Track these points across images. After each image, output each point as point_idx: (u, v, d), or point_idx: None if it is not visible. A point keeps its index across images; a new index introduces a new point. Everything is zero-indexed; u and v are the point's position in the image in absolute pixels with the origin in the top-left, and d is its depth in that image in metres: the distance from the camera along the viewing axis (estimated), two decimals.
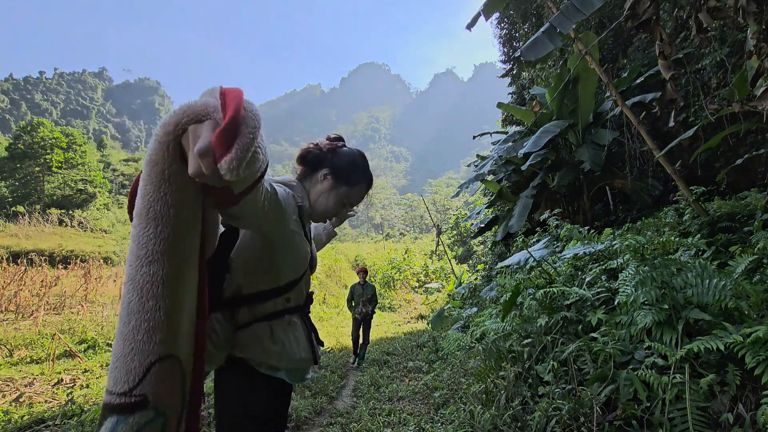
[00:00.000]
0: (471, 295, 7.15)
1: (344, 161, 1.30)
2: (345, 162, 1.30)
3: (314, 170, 1.30)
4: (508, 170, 6.14)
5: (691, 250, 2.26)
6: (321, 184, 1.29)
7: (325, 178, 1.28)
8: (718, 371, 1.52)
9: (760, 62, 2.18)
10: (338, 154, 1.31)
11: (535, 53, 3.25)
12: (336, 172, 1.28)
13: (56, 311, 8.54)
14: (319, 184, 1.29)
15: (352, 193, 1.32)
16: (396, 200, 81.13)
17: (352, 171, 1.30)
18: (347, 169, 1.30)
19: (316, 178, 1.29)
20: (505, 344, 2.71)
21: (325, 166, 1.29)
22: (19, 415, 3.74)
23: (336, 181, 1.28)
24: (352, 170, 1.30)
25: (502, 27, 9.26)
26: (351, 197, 1.32)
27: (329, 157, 1.30)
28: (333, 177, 1.28)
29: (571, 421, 1.73)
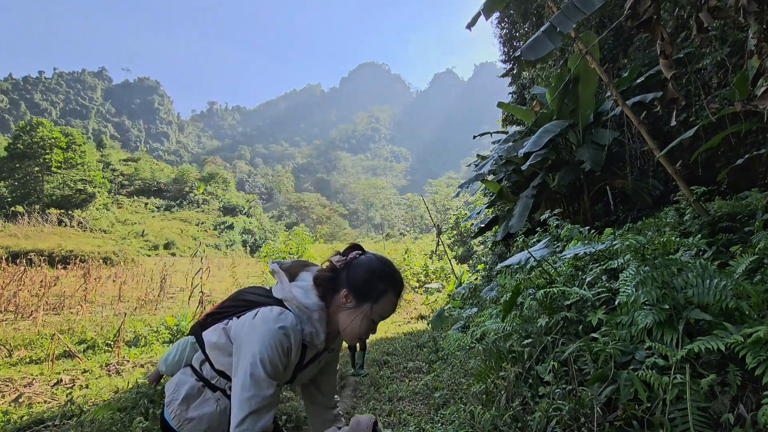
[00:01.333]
0: (471, 295, 7.14)
1: (361, 277, 1.16)
2: (363, 277, 1.16)
3: (335, 290, 1.18)
4: (508, 170, 6.13)
5: (691, 250, 2.25)
6: (345, 307, 1.17)
7: (347, 299, 1.16)
8: (718, 371, 1.52)
9: (761, 62, 2.17)
10: (353, 269, 1.17)
11: (536, 53, 3.25)
12: (356, 291, 1.15)
13: (55, 311, 8.54)
14: (343, 307, 1.17)
15: (379, 307, 1.17)
16: (396, 200, 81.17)
17: (373, 285, 1.16)
18: (367, 285, 1.16)
19: (338, 299, 1.18)
20: (505, 344, 2.71)
21: (343, 286, 1.16)
22: (19, 416, 3.74)
23: (358, 301, 1.16)
24: (373, 284, 1.16)
25: (502, 27, 9.26)
26: (380, 312, 1.18)
27: (344, 275, 1.17)
28: (354, 297, 1.16)
29: (571, 422, 1.73)
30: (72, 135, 34.39)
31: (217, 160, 77.99)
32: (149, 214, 39.79)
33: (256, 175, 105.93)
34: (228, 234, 40.48)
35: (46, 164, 31.52)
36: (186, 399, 1.23)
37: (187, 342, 1.38)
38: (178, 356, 1.39)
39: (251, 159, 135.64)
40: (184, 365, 1.33)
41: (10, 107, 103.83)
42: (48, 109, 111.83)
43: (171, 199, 44.71)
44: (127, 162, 49.13)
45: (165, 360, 1.43)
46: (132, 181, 45.18)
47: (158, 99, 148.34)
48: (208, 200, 44.85)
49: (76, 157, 33.63)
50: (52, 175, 31.83)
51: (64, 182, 32.03)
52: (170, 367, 1.40)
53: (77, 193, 32.30)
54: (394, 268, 1.21)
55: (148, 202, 42.69)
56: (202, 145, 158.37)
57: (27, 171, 31.10)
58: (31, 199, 30.41)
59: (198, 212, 42.59)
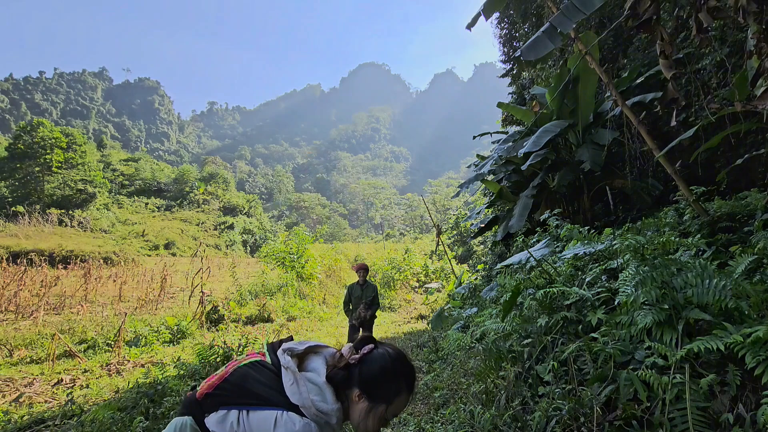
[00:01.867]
0: (471, 295, 7.14)
1: (375, 376, 1.13)
2: (376, 377, 1.13)
3: (347, 388, 1.15)
4: (508, 170, 6.13)
5: (691, 250, 2.26)
6: (358, 405, 1.14)
7: (360, 398, 1.13)
8: (718, 371, 1.52)
9: (761, 62, 2.18)
10: (366, 366, 1.14)
11: (535, 53, 3.25)
12: (369, 391, 1.12)
13: (56, 311, 8.55)
14: (355, 404, 1.14)
15: (393, 407, 1.15)
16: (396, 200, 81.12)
17: (386, 386, 1.13)
18: (381, 385, 1.13)
19: (351, 396, 1.15)
20: (505, 344, 2.71)
21: (356, 385, 1.13)
22: (19, 415, 3.75)
23: (372, 401, 1.12)
24: (387, 385, 1.13)
25: (502, 27, 9.26)
26: (394, 411, 1.16)
27: (357, 373, 1.14)
28: (367, 397, 1.12)
29: (571, 421, 1.73)
30: (72, 135, 34.40)
31: (217, 160, 77.99)
32: (150, 214, 39.79)
33: (256, 175, 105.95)
34: (228, 234, 40.49)
35: (46, 164, 31.52)
36: None
37: (186, 424, 1.25)
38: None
39: (251, 159, 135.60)
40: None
41: (11, 107, 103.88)
42: (48, 109, 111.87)
43: (171, 199, 44.69)
44: (128, 162, 49.12)
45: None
46: (132, 181, 45.19)
47: (158, 99, 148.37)
48: (208, 200, 44.83)
49: (76, 157, 33.64)
50: (52, 175, 31.84)
51: (65, 182, 32.04)
52: None
53: (78, 193, 32.30)
54: (407, 363, 1.18)
55: (148, 202, 42.69)
56: (203, 145, 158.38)
57: (27, 171, 31.11)
58: (32, 199, 30.42)
59: (198, 212, 42.58)
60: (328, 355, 1.20)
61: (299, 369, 1.13)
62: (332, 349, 1.22)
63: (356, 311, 5.32)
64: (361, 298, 5.41)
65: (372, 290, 5.55)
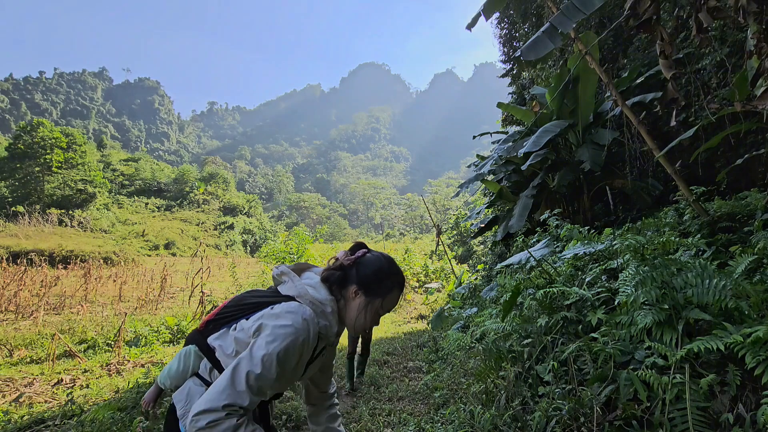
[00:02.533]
0: (471, 295, 7.14)
1: (371, 273, 1.27)
2: (372, 274, 1.27)
3: (344, 287, 1.28)
4: (508, 170, 6.13)
5: (691, 250, 2.26)
6: (354, 301, 1.27)
7: (357, 294, 1.26)
8: (718, 371, 1.52)
9: (761, 62, 2.18)
10: (362, 266, 1.28)
11: (535, 53, 3.25)
12: (366, 287, 1.26)
13: (56, 311, 8.55)
14: (352, 300, 1.27)
15: (386, 302, 1.30)
16: (396, 200, 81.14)
17: (381, 281, 1.28)
18: (376, 280, 1.27)
19: (347, 294, 1.28)
20: (505, 344, 2.71)
21: (353, 283, 1.26)
22: (19, 415, 3.74)
23: (368, 295, 1.26)
24: (382, 280, 1.28)
25: (502, 27, 9.26)
26: (387, 305, 1.30)
27: (353, 273, 1.27)
28: (364, 293, 1.26)
29: (571, 421, 1.73)
30: (72, 135, 34.39)
31: (217, 160, 77.97)
32: (150, 214, 39.79)
33: (256, 175, 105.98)
34: (228, 234, 40.50)
35: (46, 164, 31.52)
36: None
37: (189, 351, 1.33)
38: (182, 366, 1.33)
39: (251, 159, 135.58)
40: (190, 375, 1.31)
41: (11, 107, 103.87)
42: (48, 109, 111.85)
43: (171, 199, 44.69)
44: (128, 162, 49.13)
45: (168, 373, 1.37)
46: (132, 181, 45.19)
47: (158, 99, 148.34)
48: (208, 200, 44.83)
49: (76, 157, 33.64)
50: (52, 175, 31.83)
51: (65, 182, 32.03)
52: (174, 379, 1.34)
53: (78, 193, 32.30)
54: (397, 265, 1.33)
55: (148, 202, 42.69)
56: (203, 145, 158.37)
57: (27, 171, 31.10)
58: (32, 199, 30.42)
59: (198, 212, 42.58)
60: (319, 269, 1.34)
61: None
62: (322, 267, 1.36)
63: None
64: None
65: None
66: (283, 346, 1.09)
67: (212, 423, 1.02)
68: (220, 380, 1.07)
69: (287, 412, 3.62)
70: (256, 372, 1.07)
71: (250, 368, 1.07)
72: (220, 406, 1.03)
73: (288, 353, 1.09)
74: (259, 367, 1.07)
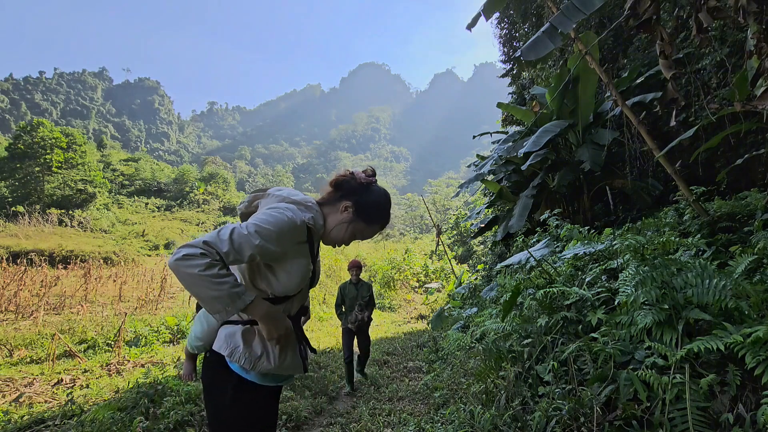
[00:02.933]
0: (471, 295, 7.14)
1: (371, 200, 1.37)
2: (372, 201, 1.37)
3: (340, 198, 1.36)
4: (508, 170, 6.13)
5: (691, 250, 2.26)
6: (341, 215, 1.35)
7: (346, 210, 1.34)
8: (718, 371, 1.52)
9: (761, 62, 2.17)
10: (369, 192, 1.37)
11: (535, 53, 3.25)
12: (360, 208, 1.35)
13: (56, 311, 8.55)
14: (339, 213, 1.35)
15: (367, 231, 1.39)
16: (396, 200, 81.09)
17: (374, 211, 1.37)
18: (371, 208, 1.37)
19: (337, 206, 1.36)
20: (505, 344, 2.71)
21: (351, 199, 1.35)
22: (19, 415, 3.74)
23: (357, 216, 1.35)
24: (375, 210, 1.37)
25: (502, 27, 9.26)
26: (365, 233, 1.40)
27: (360, 192, 1.36)
28: (355, 211, 1.35)
29: (571, 421, 1.73)
30: (72, 135, 34.35)
31: (217, 160, 77.88)
32: (150, 214, 39.77)
33: (256, 175, 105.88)
34: None
35: (46, 164, 31.48)
36: (245, 341, 1.25)
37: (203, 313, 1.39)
38: (207, 324, 1.37)
39: (251, 159, 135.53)
40: (219, 326, 1.34)
41: (11, 107, 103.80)
42: (48, 109, 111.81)
43: (171, 199, 44.66)
44: (128, 162, 49.10)
45: (195, 336, 1.40)
46: (132, 181, 45.18)
47: (158, 99, 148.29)
48: (208, 200, 44.81)
49: (76, 157, 33.60)
50: (52, 175, 31.80)
51: (65, 182, 32.00)
52: (206, 337, 1.37)
53: (78, 193, 32.27)
54: (390, 209, 1.44)
55: (148, 202, 42.68)
56: (203, 145, 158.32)
57: (27, 171, 31.07)
58: (32, 199, 30.39)
59: (198, 212, 42.55)
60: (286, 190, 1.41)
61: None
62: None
63: (351, 314, 4.76)
64: (356, 298, 4.83)
65: (367, 289, 4.99)
66: (271, 219, 1.17)
67: (188, 256, 1.06)
68: (212, 231, 1.15)
69: (287, 412, 3.63)
70: (240, 230, 1.14)
71: (236, 227, 1.14)
72: (200, 242, 1.09)
73: (274, 226, 1.16)
74: (244, 228, 1.14)
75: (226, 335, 1.28)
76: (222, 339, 1.28)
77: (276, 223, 1.17)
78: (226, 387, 1.26)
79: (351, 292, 4.88)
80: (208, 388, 1.29)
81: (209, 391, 1.29)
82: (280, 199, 1.30)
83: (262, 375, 1.28)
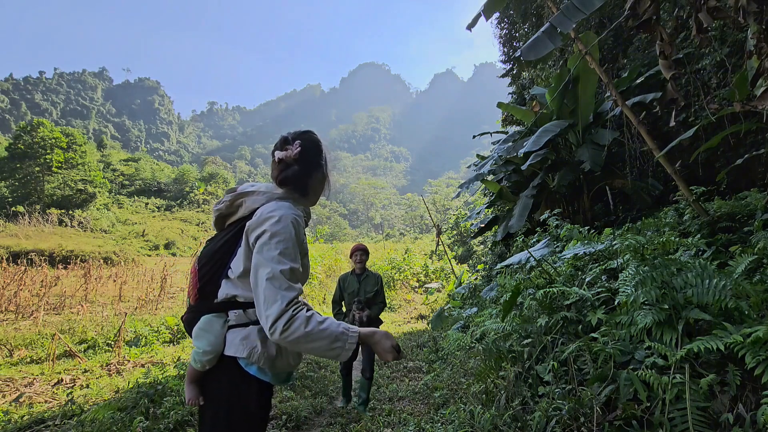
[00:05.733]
0: (471, 295, 7.14)
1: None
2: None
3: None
4: (508, 170, 6.13)
5: (691, 250, 2.26)
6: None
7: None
8: (718, 371, 1.52)
9: (761, 62, 2.17)
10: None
11: (535, 53, 3.25)
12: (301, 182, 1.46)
13: (56, 311, 8.55)
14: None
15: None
16: (396, 200, 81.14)
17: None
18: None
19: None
20: (505, 344, 2.71)
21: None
22: (19, 415, 3.75)
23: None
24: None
25: (502, 27, 9.26)
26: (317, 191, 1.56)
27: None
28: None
29: (571, 421, 1.73)
30: (73, 135, 34.37)
31: (217, 160, 77.86)
32: (150, 214, 39.77)
33: (257, 175, 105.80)
34: None
35: (46, 164, 31.49)
36: (262, 341, 1.25)
37: (208, 320, 1.30)
38: (212, 335, 1.29)
39: (251, 159, 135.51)
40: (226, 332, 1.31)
41: (11, 107, 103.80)
42: (48, 109, 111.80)
43: (171, 199, 44.68)
44: (128, 162, 49.13)
45: (206, 349, 1.30)
46: (132, 181, 45.18)
47: (158, 99, 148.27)
48: (208, 200, 44.82)
49: (76, 157, 33.61)
50: (52, 175, 31.81)
51: (65, 182, 32.00)
52: (214, 349, 1.29)
53: (78, 193, 32.27)
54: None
55: (148, 202, 42.68)
56: (203, 145, 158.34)
57: (28, 171, 31.07)
58: (32, 199, 30.40)
59: (198, 212, 42.56)
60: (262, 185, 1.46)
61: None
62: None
63: (351, 313, 3.68)
64: (357, 293, 3.74)
65: (374, 282, 3.85)
66: (285, 237, 1.19)
67: (287, 323, 1.08)
68: (266, 291, 1.13)
69: (287, 412, 3.63)
70: (285, 268, 1.15)
71: (280, 267, 1.15)
72: (284, 306, 1.10)
73: (291, 243, 1.20)
74: (285, 263, 1.16)
75: (241, 338, 1.25)
76: (236, 342, 1.25)
77: (290, 238, 1.20)
78: (250, 392, 1.23)
79: (352, 285, 3.81)
80: (226, 397, 1.24)
81: (227, 400, 1.23)
82: (269, 197, 1.31)
83: (276, 374, 1.28)
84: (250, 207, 1.30)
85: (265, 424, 1.33)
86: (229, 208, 1.35)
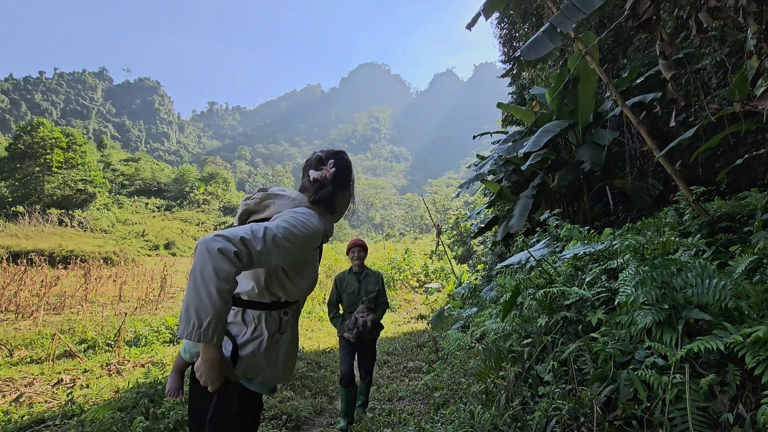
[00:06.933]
0: (471, 295, 7.14)
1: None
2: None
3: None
4: (508, 170, 6.13)
5: (691, 250, 2.26)
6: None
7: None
8: (718, 371, 1.52)
9: (760, 62, 2.17)
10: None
11: (535, 53, 3.25)
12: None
13: (56, 311, 8.55)
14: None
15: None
16: (396, 200, 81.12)
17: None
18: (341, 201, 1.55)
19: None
20: (505, 344, 2.71)
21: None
22: (19, 415, 3.74)
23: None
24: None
25: (502, 27, 9.26)
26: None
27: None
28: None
29: (571, 421, 1.73)
30: (73, 135, 34.35)
31: (217, 160, 77.85)
32: (150, 214, 39.77)
33: (256, 175, 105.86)
34: None
35: (46, 164, 31.48)
36: (252, 352, 1.26)
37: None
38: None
39: (251, 159, 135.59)
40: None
41: (11, 107, 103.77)
42: (48, 109, 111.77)
43: (171, 199, 44.67)
44: (128, 162, 49.13)
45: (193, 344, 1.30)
46: (132, 181, 45.17)
47: (158, 99, 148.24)
48: (208, 200, 44.83)
49: (76, 157, 33.60)
50: (52, 175, 31.80)
51: (65, 182, 31.99)
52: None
53: (78, 193, 32.26)
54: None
55: (148, 202, 42.68)
56: (203, 145, 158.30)
57: (28, 171, 31.06)
58: (32, 199, 30.39)
59: (198, 212, 42.55)
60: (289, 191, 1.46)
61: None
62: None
63: (351, 316, 3.33)
64: (357, 294, 3.39)
65: (375, 281, 3.50)
66: (299, 226, 1.18)
67: (222, 251, 1.01)
68: (242, 227, 1.11)
69: (287, 412, 3.63)
70: (275, 232, 1.12)
71: (270, 228, 1.12)
72: (238, 239, 1.05)
73: (302, 233, 1.17)
74: (279, 230, 1.13)
75: (240, 323, 1.27)
76: (225, 343, 1.24)
77: (304, 230, 1.19)
78: (231, 396, 1.20)
79: (351, 285, 3.44)
80: (209, 395, 1.19)
81: (209, 398, 1.20)
82: (297, 203, 1.32)
83: (262, 384, 1.27)
84: (277, 210, 1.30)
85: (252, 429, 1.30)
86: (257, 205, 1.36)
